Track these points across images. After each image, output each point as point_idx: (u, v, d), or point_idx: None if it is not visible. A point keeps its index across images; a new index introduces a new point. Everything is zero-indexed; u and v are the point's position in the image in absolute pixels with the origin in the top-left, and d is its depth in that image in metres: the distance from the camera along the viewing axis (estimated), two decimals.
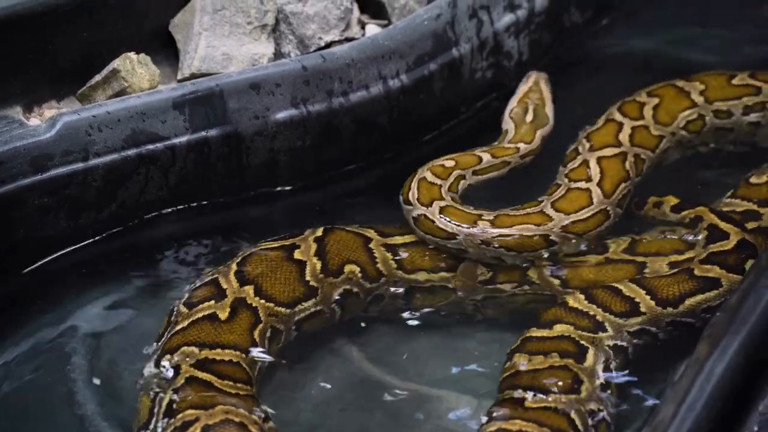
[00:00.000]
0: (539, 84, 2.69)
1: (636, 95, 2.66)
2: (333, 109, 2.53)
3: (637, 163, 2.49)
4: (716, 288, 2.17)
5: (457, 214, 2.31)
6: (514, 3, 2.79)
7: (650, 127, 2.56)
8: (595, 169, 2.42)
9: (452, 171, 2.44)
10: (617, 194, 2.38)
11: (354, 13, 2.65)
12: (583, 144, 2.52)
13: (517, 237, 2.27)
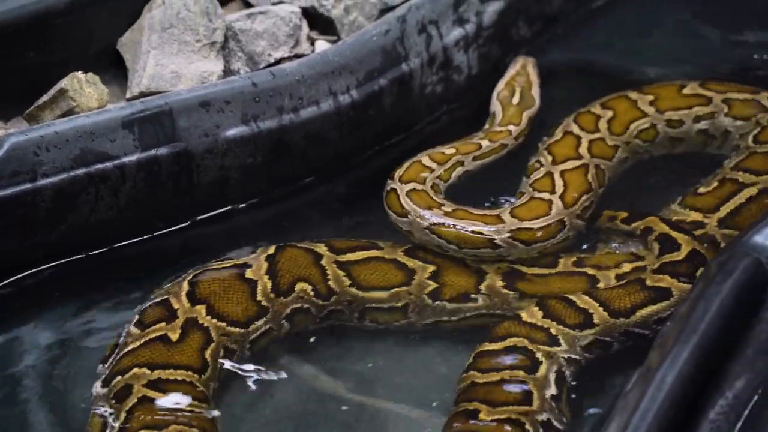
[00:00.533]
0: (526, 68, 2.78)
1: (591, 106, 2.69)
2: (284, 125, 2.53)
3: (598, 174, 2.51)
4: (667, 298, 2.19)
5: (420, 198, 2.37)
6: (463, 17, 2.80)
7: (606, 139, 2.59)
8: (559, 181, 2.45)
9: (452, 157, 2.52)
10: (578, 206, 2.40)
11: (303, 29, 2.65)
12: (545, 156, 2.54)
13: (459, 230, 2.31)
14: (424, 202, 2.37)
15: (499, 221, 2.34)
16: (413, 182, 2.42)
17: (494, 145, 2.59)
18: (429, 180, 2.46)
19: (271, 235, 2.52)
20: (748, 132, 2.64)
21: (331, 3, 2.65)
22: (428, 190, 2.41)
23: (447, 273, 2.31)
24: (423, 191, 2.41)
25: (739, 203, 2.42)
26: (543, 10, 3.05)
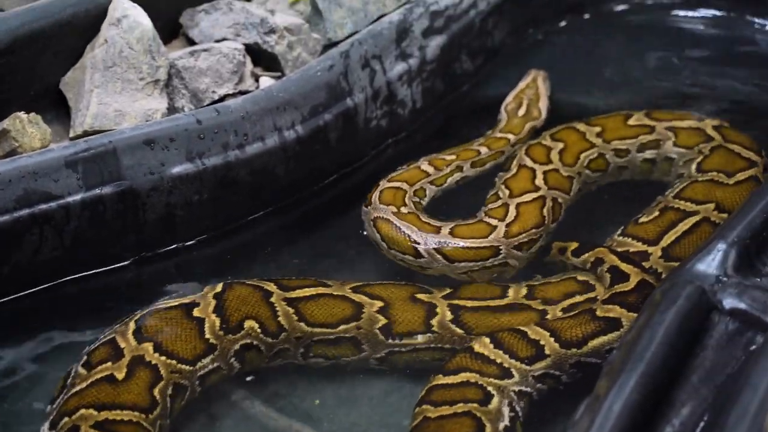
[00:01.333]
0: (536, 81, 2.90)
1: (540, 138, 2.72)
2: (229, 162, 2.52)
3: (555, 207, 2.54)
4: (618, 328, 2.20)
5: (388, 195, 2.51)
6: (406, 52, 2.83)
7: (560, 170, 2.62)
8: (512, 212, 2.48)
9: (451, 163, 2.64)
10: (520, 237, 2.43)
11: (247, 66, 2.65)
12: (503, 190, 2.57)
13: (394, 230, 2.43)
14: (388, 199, 2.47)
15: (433, 231, 2.41)
16: (400, 182, 2.55)
17: (492, 152, 2.69)
18: (420, 183, 2.57)
19: (220, 272, 2.51)
20: (691, 160, 2.68)
21: (275, 39, 2.66)
22: (407, 192, 2.51)
23: (395, 309, 2.31)
24: (400, 190, 2.51)
25: (681, 232, 2.44)
26: (485, 44, 3.08)
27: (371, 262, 2.61)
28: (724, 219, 2.42)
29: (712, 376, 1.82)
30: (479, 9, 3.00)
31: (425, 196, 2.60)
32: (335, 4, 2.76)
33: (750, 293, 1.92)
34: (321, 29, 2.77)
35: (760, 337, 1.85)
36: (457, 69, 3.01)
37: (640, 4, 3.35)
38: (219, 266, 2.57)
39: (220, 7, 2.70)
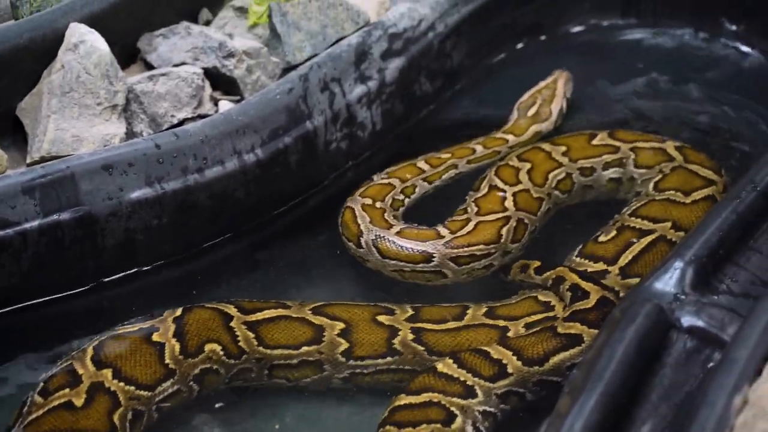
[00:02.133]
0: (556, 82, 2.97)
1: (508, 159, 2.74)
2: (189, 186, 2.51)
3: (518, 228, 2.55)
4: (579, 344, 2.21)
5: (371, 190, 2.63)
6: (365, 75, 2.83)
7: (530, 190, 2.64)
8: (470, 226, 2.50)
9: (446, 161, 2.72)
10: (459, 251, 2.46)
11: (206, 90, 2.65)
12: (472, 207, 2.59)
13: (350, 217, 2.56)
14: (370, 193, 2.63)
15: (383, 226, 2.50)
16: (391, 179, 2.67)
17: (487, 151, 2.76)
18: (411, 180, 2.68)
19: (180, 296, 2.49)
20: (650, 179, 2.70)
21: (234, 63, 2.66)
22: (395, 189, 2.64)
23: (357, 330, 2.31)
24: (388, 186, 2.65)
25: (638, 251, 2.46)
26: (444, 66, 3.09)
27: (334, 283, 2.62)
28: (680, 237, 2.44)
29: (671, 393, 1.83)
30: (437, 31, 3.01)
31: (413, 193, 2.68)
32: (294, 27, 2.77)
33: (707, 311, 1.94)
34: (280, 52, 2.77)
35: (717, 355, 1.87)
36: (416, 91, 3.02)
37: (596, 25, 3.38)
38: (180, 291, 2.56)
39: (179, 31, 2.70)
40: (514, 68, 3.27)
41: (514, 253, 2.54)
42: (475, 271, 2.50)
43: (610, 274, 2.42)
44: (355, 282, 2.63)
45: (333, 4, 2.83)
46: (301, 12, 2.79)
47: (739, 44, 3.28)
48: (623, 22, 3.37)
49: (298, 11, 2.79)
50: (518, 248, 2.55)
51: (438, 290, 2.53)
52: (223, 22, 2.86)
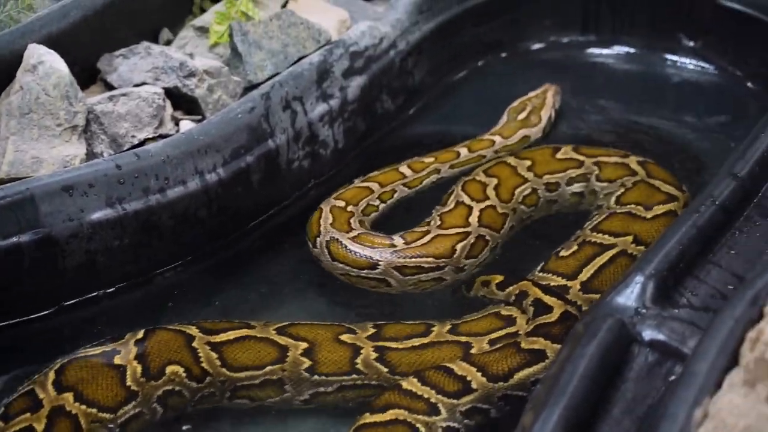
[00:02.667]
0: (546, 92, 3.04)
1: (475, 174, 2.75)
2: (150, 206, 2.50)
3: (476, 244, 2.56)
4: (543, 360, 2.21)
5: (348, 194, 2.69)
6: (327, 93, 2.84)
7: (497, 206, 2.65)
8: (426, 238, 2.52)
9: (428, 165, 2.76)
10: (405, 261, 2.48)
11: (167, 109, 2.64)
12: (436, 220, 2.61)
13: (317, 217, 2.61)
14: (346, 197, 2.67)
15: (342, 229, 2.55)
16: (370, 183, 2.71)
17: (472, 155, 2.80)
18: (392, 186, 2.72)
19: (142, 318, 2.47)
20: (612, 193, 2.72)
21: (195, 83, 2.66)
22: (373, 194, 2.69)
23: (320, 350, 2.30)
24: (365, 190, 2.70)
25: (599, 265, 2.47)
26: (406, 84, 3.10)
27: (299, 302, 2.61)
28: (641, 252, 2.46)
29: (633, 407, 1.83)
30: (399, 49, 3.03)
31: (391, 198, 2.73)
32: (255, 46, 2.77)
33: (668, 324, 1.95)
34: (241, 72, 2.77)
35: (678, 368, 1.88)
36: (378, 109, 3.03)
37: (556, 42, 3.41)
38: (142, 313, 2.54)
39: (139, 51, 2.69)
40: (476, 85, 3.29)
41: (469, 269, 2.55)
42: (423, 283, 2.52)
43: (572, 289, 2.43)
44: (319, 300, 2.63)
45: (294, 23, 2.84)
46: (262, 31, 2.80)
47: (696, 60, 3.32)
48: (583, 39, 3.40)
49: (259, 30, 2.80)
50: (474, 264, 2.56)
51: (408, 306, 2.55)
52: (184, 42, 2.85)
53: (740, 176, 2.30)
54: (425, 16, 3.11)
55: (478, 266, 2.57)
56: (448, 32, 3.20)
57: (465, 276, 2.56)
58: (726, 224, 2.24)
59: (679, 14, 3.30)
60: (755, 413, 1.60)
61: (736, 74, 3.25)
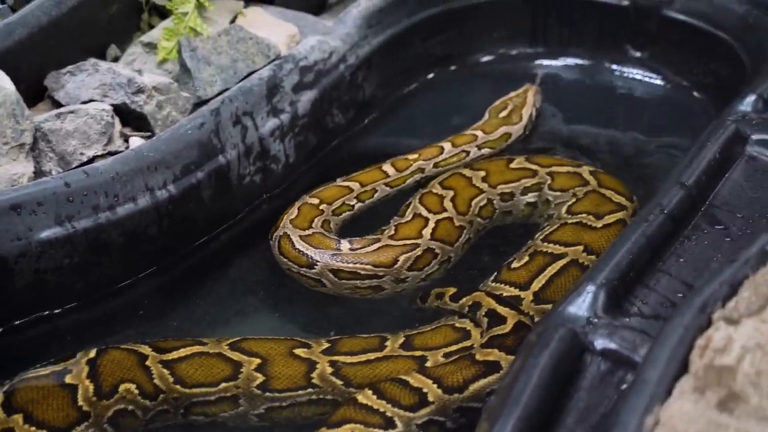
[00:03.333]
0: (527, 92, 3.12)
1: (431, 187, 2.76)
2: (100, 224, 2.48)
3: (422, 258, 2.57)
4: (497, 371, 2.21)
5: (326, 192, 2.73)
6: (277, 108, 2.83)
7: (454, 219, 2.66)
8: (373, 246, 2.54)
9: (413, 163, 2.80)
10: (342, 265, 2.52)
11: (116, 126, 2.62)
12: (391, 230, 2.63)
13: (285, 213, 2.66)
14: (323, 196, 2.72)
15: (299, 226, 2.61)
16: (351, 182, 2.75)
17: (456, 150, 2.84)
18: (373, 185, 2.75)
19: (94, 337, 2.46)
20: (563, 203, 2.74)
21: (143, 99, 2.64)
22: (352, 193, 2.73)
23: (274, 365, 2.30)
24: (344, 189, 2.74)
25: (551, 275, 2.48)
26: (356, 98, 3.11)
27: (252, 317, 2.61)
28: (592, 261, 2.48)
29: (586, 416, 1.84)
30: (349, 63, 3.04)
31: (371, 197, 2.76)
32: (204, 62, 2.76)
33: (620, 333, 1.96)
34: (190, 87, 2.76)
35: (630, 376, 1.89)
36: (329, 123, 3.03)
37: (505, 55, 3.44)
38: (94, 332, 2.51)
39: (86, 68, 2.67)
40: (426, 98, 3.31)
41: (412, 281, 2.57)
42: (360, 289, 2.55)
43: (525, 299, 2.43)
44: (274, 314, 2.63)
45: (243, 39, 2.84)
46: (210, 47, 2.79)
47: (643, 71, 3.36)
48: (531, 51, 3.43)
49: (208, 46, 2.79)
50: (419, 277, 2.58)
51: (369, 317, 2.57)
52: (132, 58, 2.84)
53: (687, 185, 2.33)
54: (374, 30, 3.12)
55: (424, 279, 2.59)
56: (398, 46, 3.22)
57: (408, 287, 2.58)
58: (674, 233, 2.27)
59: (625, 25, 3.34)
60: (705, 420, 1.61)
61: (682, 84, 3.30)
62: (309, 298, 2.64)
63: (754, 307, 1.79)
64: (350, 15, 3.08)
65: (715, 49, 3.18)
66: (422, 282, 2.59)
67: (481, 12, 3.35)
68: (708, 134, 2.50)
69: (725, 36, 3.13)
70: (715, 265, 2.19)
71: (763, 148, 2.49)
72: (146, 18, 2.97)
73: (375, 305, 2.60)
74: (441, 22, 3.31)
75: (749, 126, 2.53)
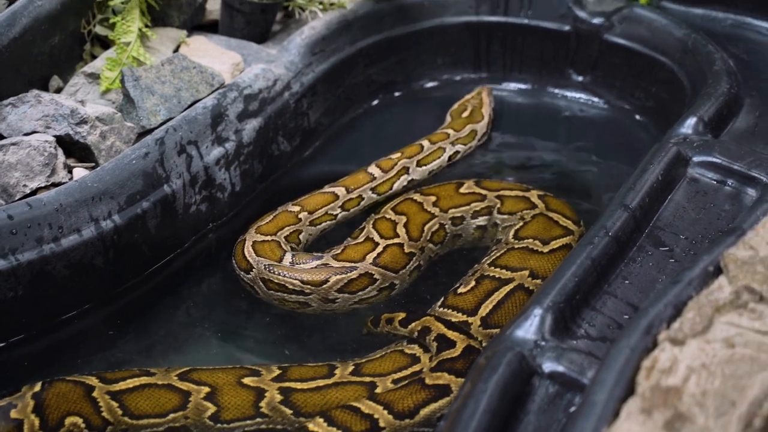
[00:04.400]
0: (481, 93, 3.25)
1: (384, 213, 2.77)
2: (45, 256, 2.45)
3: (357, 281, 2.58)
4: (448, 394, 2.22)
5: (310, 200, 2.79)
6: (222, 136, 2.83)
7: (404, 245, 2.67)
8: (309, 265, 2.58)
9: (397, 162, 2.89)
10: (271, 276, 2.56)
11: (59, 157, 2.60)
12: (337, 251, 2.64)
13: (262, 217, 2.75)
14: (307, 203, 2.78)
15: (262, 232, 2.67)
16: (337, 188, 2.82)
17: (434, 147, 2.97)
18: (358, 191, 2.82)
19: (40, 370, 2.42)
20: (511, 227, 2.76)
21: (87, 129, 2.62)
22: (337, 199, 2.79)
23: (223, 394, 2.28)
24: (323, 194, 2.80)
25: (498, 300, 2.49)
26: (301, 125, 3.11)
27: (201, 347, 2.59)
28: (538, 286, 2.49)
29: None
30: (293, 90, 3.04)
31: (358, 205, 2.83)
32: (147, 91, 2.75)
33: (567, 356, 1.98)
34: (134, 117, 2.74)
35: (578, 398, 1.91)
36: (274, 150, 3.03)
37: (449, 80, 3.46)
38: (40, 365, 2.48)
39: (28, 99, 2.65)
40: (371, 124, 3.32)
41: (342, 303, 2.59)
42: (287, 302, 2.59)
43: (472, 325, 2.44)
44: (223, 344, 2.61)
45: (186, 68, 2.83)
46: (154, 76, 2.78)
47: (586, 95, 3.40)
48: (475, 76, 3.46)
49: (151, 75, 2.78)
50: (349, 300, 2.59)
51: (320, 340, 2.58)
52: (75, 89, 2.82)
53: (631, 207, 2.36)
54: (318, 58, 3.13)
55: (358, 302, 2.60)
56: (342, 73, 3.23)
57: (338, 308, 2.60)
58: (619, 255, 2.29)
59: (567, 50, 3.38)
60: None
61: (625, 107, 3.34)
62: (260, 324, 2.64)
63: (699, 327, 1.82)
64: (294, 43, 3.09)
65: (655, 73, 3.22)
66: (356, 305, 2.60)
67: (423, 38, 3.38)
68: (650, 157, 2.54)
69: (665, 60, 3.18)
70: (660, 286, 2.21)
71: (704, 169, 2.54)
72: (89, 48, 2.95)
73: (327, 330, 2.61)
74: (384, 49, 3.33)
75: (690, 148, 2.57)
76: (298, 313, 2.61)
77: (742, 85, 2.95)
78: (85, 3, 2.90)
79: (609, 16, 3.32)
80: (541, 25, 3.38)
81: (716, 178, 2.52)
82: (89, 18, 2.93)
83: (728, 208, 2.44)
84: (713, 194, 2.49)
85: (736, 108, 2.86)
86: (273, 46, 3.15)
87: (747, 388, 1.69)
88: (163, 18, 3.07)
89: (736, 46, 3.24)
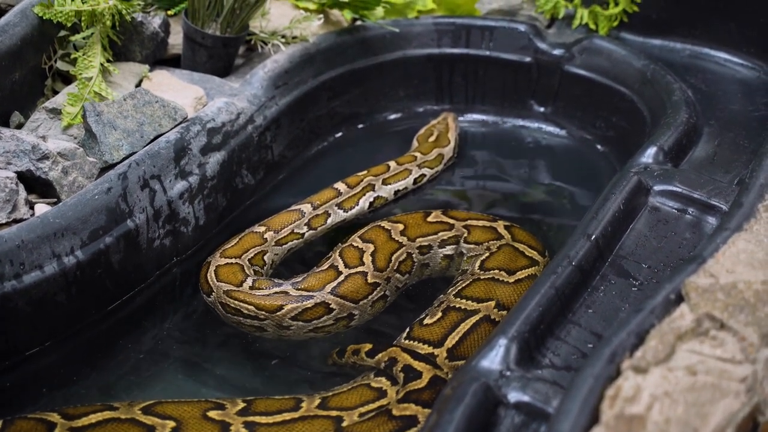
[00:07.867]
0: (446, 119, 3.31)
1: (352, 240, 2.77)
2: (6, 293, 2.43)
3: (312, 310, 2.59)
4: (414, 425, 2.21)
5: (277, 218, 2.86)
6: (185, 170, 2.82)
7: (368, 275, 2.67)
8: (266, 291, 2.61)
9: (363, 178, 2.99)
10: (228, 300, 2.61)
11: (21, 193, 2.58)
12: (301, 278, 2.65)
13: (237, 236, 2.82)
14: (274, 221, 2.86)
15: (228, 255, 2.73)
16: (305, 204, 2.90)
17: (400, 168, 3.06)
18: (324, 207, 2.90)
19: (2, 408, 2.39)
20: (477, 257, 2.77)
21: (48, 165, 2.61)
22: (304, 215, 2.86)
23: (188, 428, 2.26)
24: (287, 213, 2.88)
25: (464, 332, 2.49)
26: (265, 158, 3.11)
27: (165, 381, 2.58)
28: (503, 316, 2.49)
29: None
30: (256, 124, 3.04)
31: (324, 223, 2.90)
32: (110, 126, 2.74)
33: (532, 385, 1.99)
34: (96, 152, 2.73)
35: (544, 428, 1.91)
36: (238, 184, 3.02)
37: (411, 112, 3.49)
38: (1, 402, 2.45)
39: None
40: (335, 157, 3.33)
41: (296, 331, 2.60)
42: (244, 326, 2.63)
43: (438, 357, 2.44)
44: (186, 377, 2.59)
45: (149, 102, 2.83)
46: (116, 111, 2.77)
47: (547, 125, 3.43)
48: (438, 108, 3.49)
49: (113, 110, 2.77)
50: (304, 327, 2.60)
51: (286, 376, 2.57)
52: (36, 125, 2.80)
53: (594, 237, 2.38)
54: (281, 91, 3.14)
55: (313, 331, 2.61)
56: (305, 106, 3.24)
57: (293, 335, 2.62)
58: (583, 284, 2.31)
59: (528, 81, 3.41)
60: None
61: (586, 137, 3.37)
62: (225, 357, 2.63)
63: (661, 355, 1.83)
64: (257, 76, 3.10)
65: (615, 103, 3.26)
66: (312, 333, 2.61)
67: (385, 71, 3.40)
68: (612, 186, 2.56)
69: (625, 90, 3.22)
70: (623, 314, 2.23)
71: (665, 198, 2.56)
72: (50, 84, 2.94)
73: (293, 362, 2.60)
74: (347, 82, 3.34)
75: (651, 177, 2.59)
76: (259, 340, 2.65)
77: (700, 115, 2.99)
78: (46, 38, 2.89)
79: (569, 47, 3.36)
80: (503, 56, 3.41)
81: (677, 207, 2.55)
82: (50, 53, 2.92)
83: (689, 237, 2.47)
84: (674, 223, 2.51)
85: (695, 137, 2.89)
86: (236, 79, 3.15)
87: (709, 415, 1.70)
88: (125, 53, 3.07)
89: (695, 76, 3.29)
